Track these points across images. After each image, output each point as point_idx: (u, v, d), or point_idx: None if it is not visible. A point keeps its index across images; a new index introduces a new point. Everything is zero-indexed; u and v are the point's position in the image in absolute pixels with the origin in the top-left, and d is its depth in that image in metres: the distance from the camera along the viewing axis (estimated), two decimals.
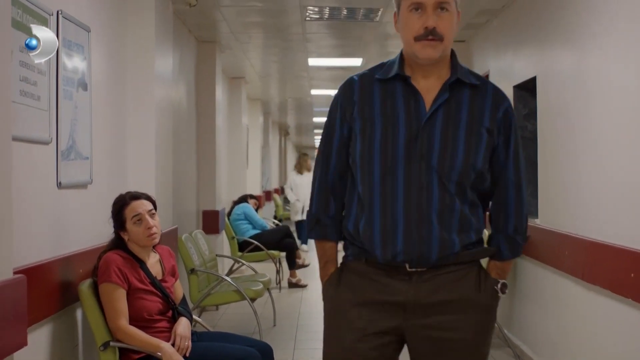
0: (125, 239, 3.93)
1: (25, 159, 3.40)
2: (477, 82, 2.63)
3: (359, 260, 2.64)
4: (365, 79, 2.67)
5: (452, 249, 2.54)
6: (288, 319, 8.03)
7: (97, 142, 4.42)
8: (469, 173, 2.55)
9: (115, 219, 3.97)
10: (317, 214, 2.75)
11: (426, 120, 2.54)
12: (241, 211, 10.44)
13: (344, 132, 2.66)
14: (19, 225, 3.27)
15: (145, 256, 3.96)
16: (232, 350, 3.87)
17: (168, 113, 5.95)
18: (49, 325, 3.63)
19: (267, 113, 17.57)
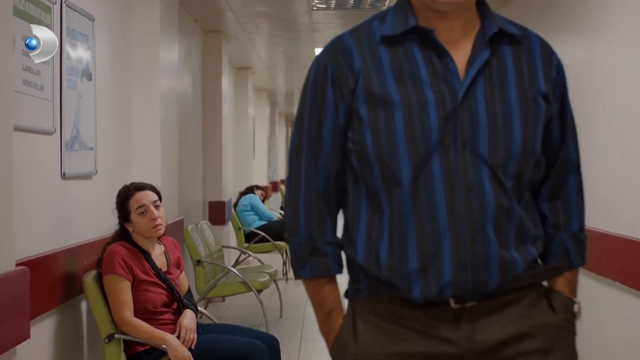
0: (130, 231, 3.89)
1: (28, 150, 3.36)
2: (519, 32, 1.87)
3: (377, 297, 1.84)
4: (363, 38, 1.85)
5: (515, 271, 1.78)
6: (294, 310, 8.00)
7: (101, 133, 4.38)
8: (528, 160, 1.81)
9: (119, 210, 3.93)
10: (310, 239, 1.87)
11: (465, 91, 1.77)
12: (248, 202, 10.39)
13: (340, 116, 1.83)
14: (22, 217, 3.23)
15: (150, 248, 3.92)
16: (238, 343, 3.83)
17: (173, 103, 5.91)
18: (53, 317, 3.60)
19: (273, 103, 17.52)
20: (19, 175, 3.23)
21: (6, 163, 2.77)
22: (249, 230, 10.05)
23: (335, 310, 1.92)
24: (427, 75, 1.77)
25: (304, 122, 1.88)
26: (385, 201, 1.78)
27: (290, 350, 6.19)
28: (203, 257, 6.77)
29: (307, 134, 1.87)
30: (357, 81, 1.80)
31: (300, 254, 1.88)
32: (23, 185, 3.28)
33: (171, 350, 3.63)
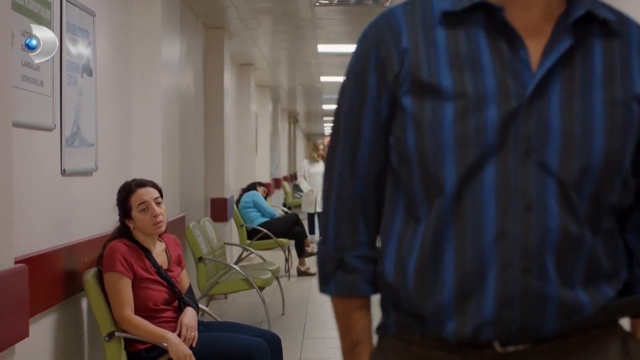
0: (131, 227, 3.86)
1: (28, 146, 3.33)
2: (613, 18, 1.47)
3: (408, 334, 1.49)
4: (417, 12, 1.48)
5: (579, 315, 1.40)
6: (297, 307, 7.97)
7: (102, 129, 4.35)
8: (611, 179, 1.41)
9: (120, 206, 3.90)
10: (338, 250, 1.55)
11: (536, 86, 1.40)
12: (250, 199, 10.36)
13: (383, 106, 1.48)
14: (21, 214, 3.20)
15: (151, 245, 3.89)
16: (239, 341, 3.80)
17: (175, 100, 5.87)
18: (53, 315, 3.57)
19: (276, 100, 17.48)
20: (19, 171, 3.20)
21: (5, 159, 2.74)
22: (251, 227, 10.02)
23: (362, 344, 1.57)
24: (490, 62, 1.40)
25: (341, 112, 1.54)
26: (424, 211, 1.43)
27: (293, 347, 6.16)
28: (205, 254, 6.73)
29: (344, 127, 1.53)
30: (403, 64, 1.44)
31: (326, 266, 1.56)
32: (22, 181, 3.25)
33: (172, 349, 3.60)
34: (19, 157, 3.20)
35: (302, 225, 10.46)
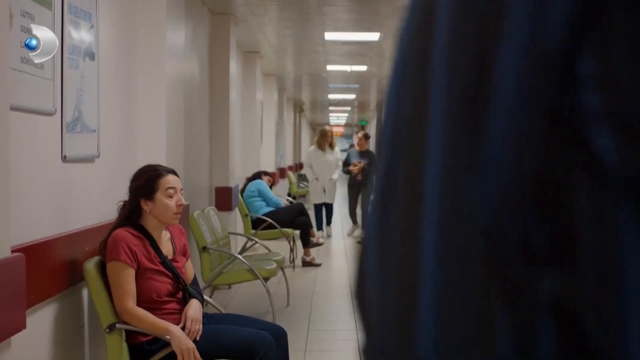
0: (145, 210, 3.72)
1: (27, 131, 3.21)
2: None
3: None
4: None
5: None
6: (302, 298, 7.87)
7: (105, 115, 4.23)
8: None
9: (144, 185, 3.76)
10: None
11: None
12: (255, 188, 10.25)
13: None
14: (20, 201, 3.09)
15: (158, 234, 3.77)
16: (243, 334, 3.68)
17: (180, 87, 5.75)
18: (52, 305, 3.46)
19: (281, 89, 17.36)
20: (17, 157, 3.09)
21: (2, 144, 2.62)
22: (256, 217, 9.92)
23: None
24: None
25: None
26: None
27: (298, 339, 6.05)
28: (209, 243, 6.63)
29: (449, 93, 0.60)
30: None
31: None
32: (21, 167, 3.14)
33: (175, 342, 3.48)
34: (18, 143, 3.09)
35: (307, 215, 10.35)
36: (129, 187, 3.85)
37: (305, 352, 5.73)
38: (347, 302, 7.77)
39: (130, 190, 3.82)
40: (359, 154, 13.03)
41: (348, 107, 27.24)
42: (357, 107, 26.65)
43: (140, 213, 3.75)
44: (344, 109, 28.47)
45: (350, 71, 14.69)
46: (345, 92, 20.11)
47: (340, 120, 36.71)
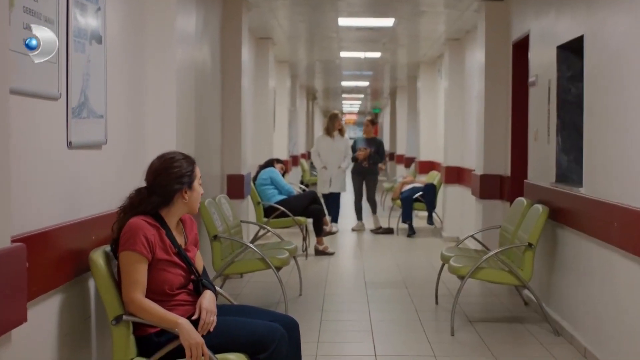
0: (186, 200, 3.61)
1: (29, 116, 3.09)
2: None
3: None
4: None
5: None
6: (315, 288, 7.75)
7: (112, 100, 4.11)
8: None
9: (188, 174, 3.65)
10: None
11: None
12: (267, 176, 10.14)
13: None
14: (22, 189, 2.98)
15: (174, 223, 3.66)
16: (254, 327, 3.56)
17: (190, 74, 5.61)
18: (57, 296, 3.34)
19: (294, 76, 17.21)
20: (19, 143, 2.98)
21: (2, 129, 2.50)
22: (268, 205, 9.81)
23: None
24: None
25: None
26: None
27: (310, 330, 5.94)
28: (220, 232, 6.52)
29: None
30: None
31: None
32: (24, 154, 3.03)
33: (183, 335, 3.36)
34: (20, 128, 2.98)
35: (320, 203, 10.22)
36: (159, 177, 3.63)
37: (317, 343, 5.61)
38: (361, 291, 7.65)
39: (165, 179, 3.60)
40: (365, 140, 12.54)
41: (361, 95, 27.07)
42: (371, 95, 26.47)
43: (172, 203, 3.62)
44: (357, 97, 28.30)
45: (364, 58, 14.52)
46: (359, 79, 19.94)
47: (354, 107, 36.54)
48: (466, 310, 6.65)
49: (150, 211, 3.58)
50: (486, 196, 8.58)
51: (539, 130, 6.74)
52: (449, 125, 11.45)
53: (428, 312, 6.71)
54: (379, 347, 5.57)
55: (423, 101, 14.79)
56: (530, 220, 6.13)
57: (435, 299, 7.02)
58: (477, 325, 6.14)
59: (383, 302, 7.22)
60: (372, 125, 12.68)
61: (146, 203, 3.59)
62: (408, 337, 5.92)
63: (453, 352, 5.51)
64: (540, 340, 5.73)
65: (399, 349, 5.65)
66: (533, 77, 6.95)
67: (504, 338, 5.83)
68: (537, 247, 6.06)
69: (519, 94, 7.93)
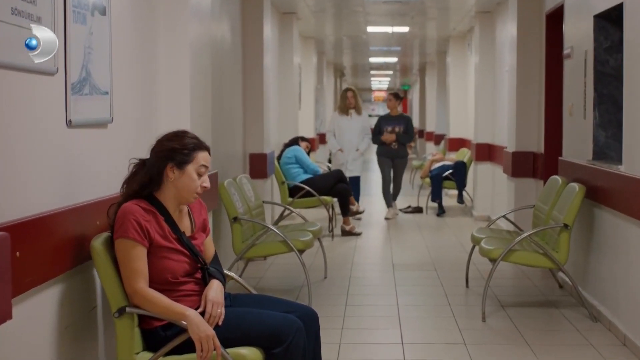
0: (169, 178, 3.31)
1: (22, 92, 2.84)
2: None
3: None
4: None
5: None
6: (340, 270, 7.49)
7: (119, 77, 3.85)
8: None
9: (180, 150, 3.32)
10: None
11: None
12: (292, 154, 9.87)
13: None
14: (13, 171, 2.73)
15: (174, 208, 3.38)
16: (269, 319, 3.29)
17: (206, 49, 5.32)
18: (57, 287, 3.11)
19: (321, 52, 16.90)
20: (11, 122, 2.74)
21: None
22: (293, 184, 9.55)
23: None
24: None
25: None
26: None
27: (334, 316, 5.68)
28: (241, 213, 6.27)
29: None
30: None
31: None
32: (16, 133, 2.79)
33: (192, 328, 3.11)
34: (10, 105, 2.74)
35: (346, 182, 9.93)
36: (154, 146, 3.41)
37: (341, 330, 5.35)
38: (388, 274, 7.39)
39: (157, 150, 3.37)
40: (391, 118, 11.21)
41: (390, 71, 26.69)
42: (400, 71, 26.08)
43: (161, 181, 3.35)
44: (385, 73, 27.91)
45: (392, 33, 14.16)
46: (387, 55, 19.58)
47: (382, 84, 36.12)
48: (498, 293, 6.35)
49: (138, 191, 3.32)
50: (518, 174, 8.27)
51: (574, 104, 6.40)
52: (480, 101, 11.13)
53: (458, 296, 6.43)
54: (406, 334, 5.31)
55: (453, 77, 14.44)
56: (565, 199, 5.82)
57: (465, 282, 6.73)
58: (509, 310, 5.85)
59: (411, 285, 6.95)
60: (396, 100, 11.28)
61: (132, 181, 3.34)
62: (437, 323, 5.65)
63: (484, 339, 5.23)
64: (577, 326, 5.43)
65: (427, 336, 5.38)
66: (568, 48, 6.61)
67: (538, 324, 5.54)
68: (573, 228, 5.74)
69: (553, 67, 7.61)
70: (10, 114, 2.75)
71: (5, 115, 2.71)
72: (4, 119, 2.71)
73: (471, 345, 5.01)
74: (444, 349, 5.03)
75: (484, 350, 4.96)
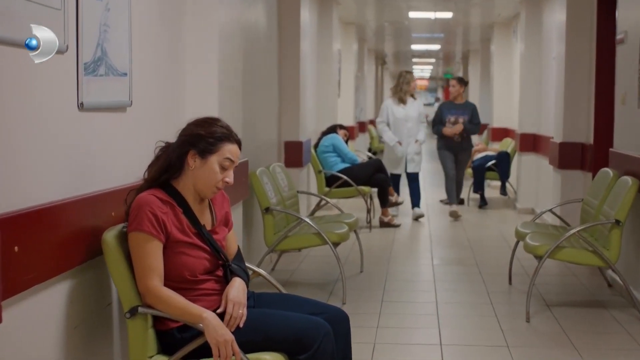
0: (190, 166, 3.05)
1: (27, 71, 2.59)
2: None
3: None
4: None
5: None
6: (377, 264, 7.20)
7: (140, 57, 3.59)
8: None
9: (205, 137, 3.05)
10: None
11: None
12: (329, 142, 9.58)
13: None
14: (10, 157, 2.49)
15: (193, 199, 3.12)
16: (294, 322, 3.01)
17: (237, 36, 5.03)
18: (65, 283, 2.86)
19: (362, 39, 16.57)
20: (14, 104, 2.50)
21: None
22: (330, 174, 9.26)
23: None
24: None
25: None
26: None
27: (369, 313, 5.39)
28: (273, 204, 6.01)
29: None
30: None
31: None
32: (19, 117, 2.55)
33: (209, 331, 2.84)
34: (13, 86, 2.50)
35: (385, 172, 9.61)
36: (181, 129, 3.16)
37: (377, 329, 5.05)
38: (427, 268, 7.09)
39: (182, 134, 3.12)
40: (454, 106, 10.17)
41: (432, 59, 26.27)
42: (442, 59, 25.64)
43: (181, 168, 3.10)
44: (428, 61, 27.49)
45: (435, 19, 13.80)
46: (429, 42, 19.18)
47: (424, 73, 35.66)
48: (543, 292, 6.02)
49: (155, 177, 3.07)
50: (566, 166, 7.90)
51: (627, 93, 6.03)
52: (525, 90, 10.74)
53: (500, 293, 6.11)
54: (445, 334, 5.01)
55: (497, 65, 14.05)
56: (617, 194, 5.46)
57: (508, 278, 6.41)
58: (555, 311, 5.52)
59: (451, 281, 6.64)
60: (461, 85, 10.19)
61: (153, 165, 3.10)
62: (478, 323, 5.33)
63: (528, 341, 4.92)
64: (628, 329, 5.08)
65: (467, 337, 5.07)
66: (621, 33, 6.23)
67: (586, 326, 5.20)
68: (625, 224, 5.38)
69: (605, 54, 7.23)
70: (12, 95, 2.51)
71: (5, 96, 2.47)
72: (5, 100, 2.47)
73: (514, 348, 4.69)
74: (485, 351, 4.72)
75: (527, 354, 4.65)
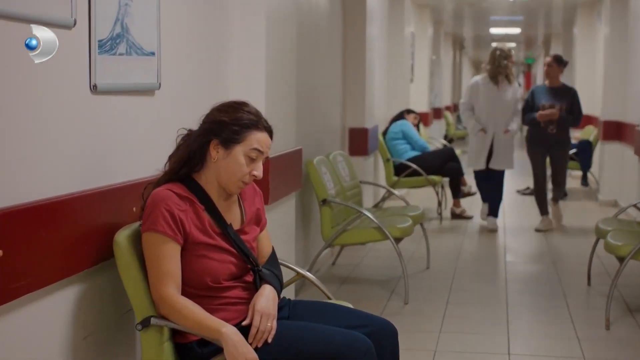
0: (212, 157, 2.69)
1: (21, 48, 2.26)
2: None
3: None
4: None
5: None
6: (445, 260, 6.75)
7: (170, 35, 3.23)
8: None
9: (229, 126, 2.68)
10: None
11: None
12: (399, 129, 9.12)
13: None
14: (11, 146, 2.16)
15: (217, 194, 2.75)
16: (331, 336, 2.61)
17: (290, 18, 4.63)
18: (73, 288, 2.54)
19: (437, 22, 16.00)
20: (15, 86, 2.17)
21: None
22: (399, 162, 8.81)
23: None
24: None
25: None
26: None
27: (433, 315, 4.96)
28: (332, 195, 5.62)
29: None
30: None
31: None
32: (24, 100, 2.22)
33: (228, 349, 2.47)
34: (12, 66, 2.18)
35: (458, 161, 9.12)
36: (204, 116, 2.79)
37: (439, 334, 4.63)
38: (499, 265, 6.61)
39: (205, 120, 2.76)
40: (549, 91, 8.12)
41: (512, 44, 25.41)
42: (523, 43, 24.80)
43: (203, 160, 2.73)
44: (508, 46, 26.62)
45: (514, 0, 13.17)
46: (509, 25, 18.47)
47: None
48: (625, 294, 5.49)
49: (176, 170, 2.70)
50: None
51: None
52: (609, 75, 10.11)
53: (578, 296, 5.60)
54: (514, 342, 4.55)
55: (579, 49, 13.38)
56: None
57: (587, 279, 5.90)
58: (638, 317, 5.00)
59: (524, 280, 6.17)
60: (559, 66, 8.17)
61: (172, 156, 2.74)
62: (551, 330, 4.85)
63: (608, 353, 4.43)
64: None
65: (539, 346, 4.59)
66: None
67: None
68: None
69: None
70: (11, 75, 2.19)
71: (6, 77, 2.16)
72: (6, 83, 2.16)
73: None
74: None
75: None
